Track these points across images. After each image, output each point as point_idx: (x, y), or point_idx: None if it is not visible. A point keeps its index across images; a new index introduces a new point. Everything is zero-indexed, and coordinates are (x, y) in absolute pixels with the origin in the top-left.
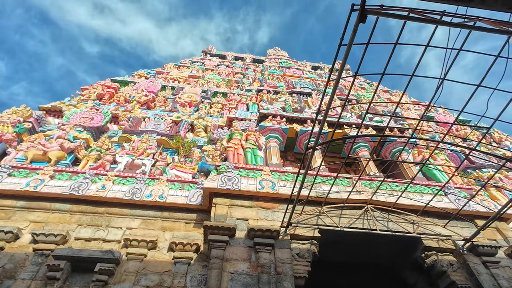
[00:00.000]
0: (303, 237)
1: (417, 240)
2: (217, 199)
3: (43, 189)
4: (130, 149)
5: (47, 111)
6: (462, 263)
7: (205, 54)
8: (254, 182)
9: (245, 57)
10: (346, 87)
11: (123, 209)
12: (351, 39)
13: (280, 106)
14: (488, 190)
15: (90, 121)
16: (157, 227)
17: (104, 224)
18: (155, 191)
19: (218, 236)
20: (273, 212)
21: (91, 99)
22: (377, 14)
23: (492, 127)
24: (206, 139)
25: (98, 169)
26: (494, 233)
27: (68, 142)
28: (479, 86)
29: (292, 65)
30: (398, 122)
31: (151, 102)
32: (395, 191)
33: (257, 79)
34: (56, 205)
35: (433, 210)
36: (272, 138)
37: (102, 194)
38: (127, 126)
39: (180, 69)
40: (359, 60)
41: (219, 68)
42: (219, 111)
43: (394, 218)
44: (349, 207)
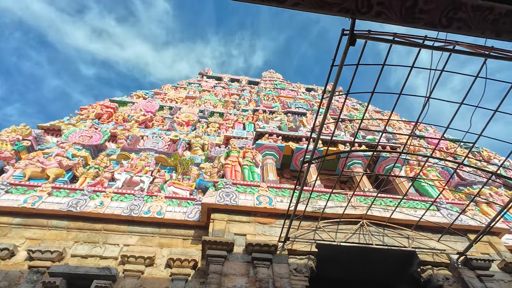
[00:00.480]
0: (301, 252)
1: (412, 254)
2: (215, 214)
3: (41, 205)
4: (128, 166)
5: (46, 130)
6: (457, 277)
7: (201, 76)
8: (252, 198)
9: (241, 79)
10: (339, 108)
11: (120, 225)
12: (342, 61)
13: (276, 125)
14: (479, 205)
15: (88, 139)
16: (155, 244)
17: (101, 241)
18: (153, 207)
19: (216, 251)
20: (271, 228)
21: (89, 118)
22: (365, 38)
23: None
24: (204, 157)
25: (96, 186)
26: (487, 247)
27: (67, 160)
28: (462, 104)
29: (287, 87)
30: (391, 141)
31: (149, 122)
32: (389, 206)
33: (253, 100)
34: (53, 222)
35: (427, 224)
36: (269, 155)
37: (100, 210)
38: (125, 144)
39: (177, 90)
40: (350, 83)
41: (215, 89)
42: (216, 130)
43: (389, 233)
44: (345, 222)
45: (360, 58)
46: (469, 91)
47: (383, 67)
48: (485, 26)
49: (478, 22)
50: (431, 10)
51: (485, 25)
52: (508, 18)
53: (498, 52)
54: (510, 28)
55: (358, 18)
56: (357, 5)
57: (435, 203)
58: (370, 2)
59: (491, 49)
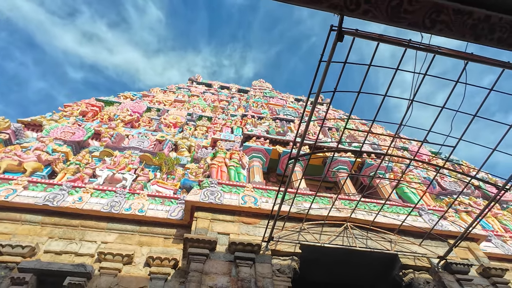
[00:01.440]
0: (284, 253)
1: (395, 258)
2: (199, 213)
3: (15, 199)
4: (111, 163)
5: (26, 125)
6: (438, 281)
7: (191, 82)
8: (237, 197)
9: (231, 86)
10: (327, 118)
11: (99, 222)
12: (330, 56)
13: (264, 129)
14: (459, 214)
15: (71, 135)
16: (134, 242)
17: (77, 238)
18: (135, 205)
19: (198, 249)
20: (255, 228)
21: (73, 115)
22: (353, 35)
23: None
24: (190, 158)
25: (76, 182)
26: (466, 253)
27: (46, 154)
28: (443, 108)
29: (276, 96)
30: (376, 150)
31: (136, 122)
32: (373, 210)
33: (242, 106)
34: (26, 217)
35: (409, 229)
36: (256, 158)
37: (78, 206)
38: (109, 142)
39: (166, 94)
40: (338, 79)
41: (205, 95)
42: (204, 133)
43: (373, 236)
44: (330, 224)
45: (348, 56)
46: (449, 97)
47: (369, 67)
48: (465, 30)
49: (458, 25)
50: (416, 11)
51: (465, 29)
52: (486, 24)
53: (477, 57)
54: (487, 34)
55: (346, 15)
56: (346, 2)
57: (417, 209)
58: (358, 0)
59: (471, 55)
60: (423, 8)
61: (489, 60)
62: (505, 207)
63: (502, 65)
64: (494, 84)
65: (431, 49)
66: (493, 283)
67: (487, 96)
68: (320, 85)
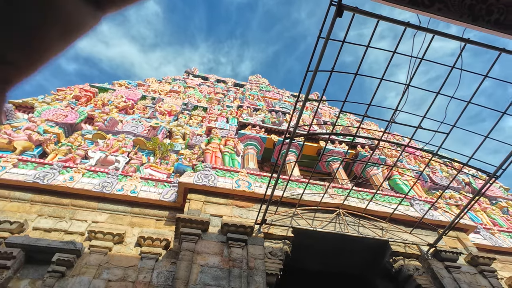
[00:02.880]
0: (277, 236)
1: (385, 245)
2: (192, 195)
3: (3, 176)
4: (104, 146)
5: (17, 107)
6: (427, 268)
7: (187, 74)
8: (231, 181)
9: (227, 80)
10: (323, 114)
11: (90, 202)
12: (329, 32)
13: (260, 119)
14: (450, 207)
15: (63, 117)
16: (126, 223)
17: (67, 216)
18: (127, 186)
19: (190, 230)
20: (248, 211)
21: (66, 99)
22: (352, 11)
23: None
24: (184, 145)
25: (67, 162)
26: (455, 242)
27: (37, 135)
28: (438, 93)
29: (272, 90)
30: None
31: (130, 109)
32: (366, 199)
33: (238, 98)
34: (15, 194)
35: (401, 218)
36: (251, 145)
37: (69, 184)
38: (102, 126)
39: (161, 84)
40: (335, 61)
41: (201, 87)
42: (199, 122)
43: (365, 224)
44: (322, 210)
45: (346, 35)
46: (444, 83)
47: (367, 48)
48: (463, 10)
49: (457, 5)
50: None
51: (463, 9)
52: (484, 4)
53: (474, 41)
54: (485, 15)
55: None
56: None
57: (409, 199)
58: None
59: (467, 39)
60: None
61: (486, 44)
62: (494, 203)
63: (498, 49)
64: (489, 70)
65: (430, 30)
66: (480, 271)
67: (483, 81)
68: (318, 61)
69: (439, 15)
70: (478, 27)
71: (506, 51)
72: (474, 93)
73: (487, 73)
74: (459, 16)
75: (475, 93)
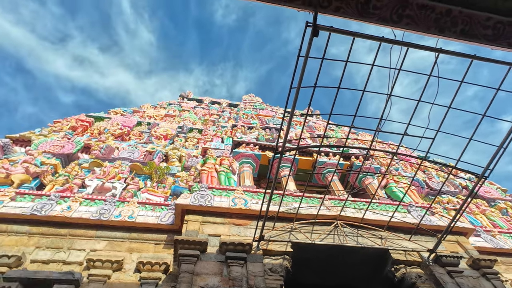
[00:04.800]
0: (276, 252)
1: (386, 254)
2: (189, 216)
3: (1, 210)
4: (101, 173)
5: (15, 141)
6: (429, 274)
7: (182, 98)
8: (227, 200)
9: (221, 101)
10: (317, 128)
11: (88, 230)
12: (307, 51)
13: (254, 137)
14: (449, 212)
15: (60, 148)
16: (124, 249)
17: (65, 246)
18: (125, 211)
19: (188, 251)
20: (246, 229)
21: (63, 131)
22: (328, 30)
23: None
24: (180, 168)
25: (64, 192)
26: (456, 246)
27: (34, 167)
28: (419, 101)
29: (266, 108)
30: (363, 152)
31: (126, 136)
32: (362, 209)
33: (232, 118)
34: (13, 227)
35: (399, 225)
36: (246, 163)
37: (67, 214)
38: (99, 154)
39: (156, 109)
40: (317, 75)
41: (195, 109)
42: (194, 144)
43: (363, 234)
44: (320, 223)
45: (325, 53)
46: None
47: (346, 63)
48: (429, 23)
49: (423, 19)
50: (383, 7)
51: (429, 23)
52: (448, 17)
53: (446, 51)
54: (450, 26)
55: (319, 12)
56: None
57: (406, 206)
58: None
59: (440, 49)
60: (390, 4)
61: (457, 53)
62: (493, 205)
63: (470, 56)
64: (464, 75)
65: (404, 43)
66: (483, 274)
67: (460, 86)
68: (300, 79)
69: (408, 29)
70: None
71: (477, 57)
72: (453, 98)
73: (463, 79)
74: (426, 29)
75: (454, 99)
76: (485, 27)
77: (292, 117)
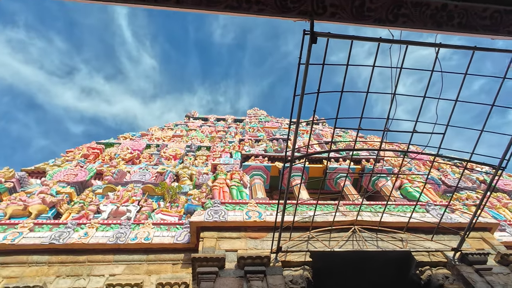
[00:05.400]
0: (295, 263)
1: (408, 257)
2: (205, 233)
3: (21, 241)
4: (114, 198)
5: (30, 173)
6: (457, 274)
7: (188, 118)
8: (241, 214)
9: (227, 118)
10: (324, 135)
11: (106, 255)
12: (307, 58)
13: (262, 149)
14: (469, 208)
15: (74, 177)
16: (143, 271)
17: (85, 273)
18: (140, 233)
19: (207, 268)
20: (262, 241)
21: (75, 159)
22: (326, 36)
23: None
24: (192, 186)
25: (81, 219)
26: (481, 243)
27: (50, 197)
28: (425, 97)
29: (271, 120)
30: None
31: (136, 159)
32: (379, 212)
33: (238, 133)
34: (33, 258)
35: (419, 225)
36: (256, 176)
37: (84, 240)
38: (111, 179)
39: (164, 131)
40: (319, 82)
41: (202, 128)
42: (204, 162)
43: (382, 237)
44: (337, 230)
45: (325, 58)
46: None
47: (347, 67)
48: (426, 20)
49: (419, 16)
50: (378, 8)
51: (426, 19)
52: (444, 12)
53: (445, 45)
54: (447, 20)
55: (315, 19)
56: (313, 7)
57: (424, 206)
58: (324, 4)
59: (439, 44)
60: (385, 5)
61: (458, 46)
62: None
63: (471, 48)
64: (467, 67)
65: (403, 41)
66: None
67: (464, 79)
68: (303, 85)
69: (405, 27)
70: (445, 32)
71: (478, 48)
72: (459, 92)
73: (466, 71)
74: (423, 25)
75: (460, 92)
76: (483, 17)
77: (298, 124)
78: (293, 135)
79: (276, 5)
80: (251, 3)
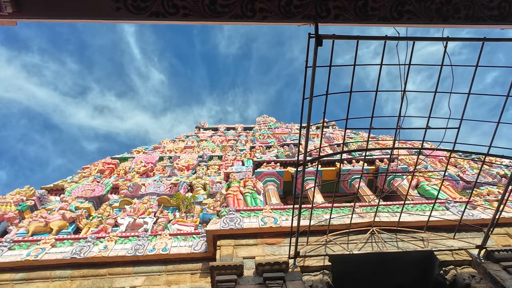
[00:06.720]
0: (314, 268)
1: (431, 256)
2: (221, 241)
3: (44, 257)
4: (131, 211)
5: (49, 191)
6: (483, 273)
7: (198, 129)
8: (256, 220)
9: (236, 126)
10: (335, 138)
11: (126, 267)
12: (314, 60)
13: (273, 155)
14: (491, 204)
15: (91, 192)
16: (162, 282)
17: (106, 286)
18: (158, 245)
19: (225, 276)
20: (279, 247)
21: (92, 175)
22: (331, 38)
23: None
24: (206, 195)
25: (99, 233)
26: (507, 239)
27: (70, 212)
28: (436, 92)
29: (281, 126)
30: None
31: (150, 172)
32: (397, 212)
33: (249, 141)
34: (56, 273)
35: (440, 224)
36: (269, 182)
37: (104, 254)
38: (127, 192)
39: (175, 143)
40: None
41: (212, 138)
42: (216, 171)
43: (402, 237)
44: (355, 232)
45: (331, 60)
46: (439, 81)
47: (354, 68)
48: (431, 14)
49: (424, 11)
50: (381, 7)
51: (431, 13)
52: (449, 5)
53: (453, 38)
54: (453, 13)
55: (319, 22)
56: (317, 10)
57: (443, 203)
58: (327, 7)
59: (447, 37)
60: (388, 3)
61: (466, 38)
62: None
63: (480, 39)
64: (478, 59)
65: (410, 37)
66: None
67: (475, 71)
68: (311, 88)
69: (410, 23)
70: (452, 25)
71: (487, 39)
72: (471, 85)
73: (477, 63)
74: (429, 20)
75: (472, 85)
76: (490, 8)
77: (309, 127)
78: (304, 138)
79: (280, 11)
80: (255, 11)
